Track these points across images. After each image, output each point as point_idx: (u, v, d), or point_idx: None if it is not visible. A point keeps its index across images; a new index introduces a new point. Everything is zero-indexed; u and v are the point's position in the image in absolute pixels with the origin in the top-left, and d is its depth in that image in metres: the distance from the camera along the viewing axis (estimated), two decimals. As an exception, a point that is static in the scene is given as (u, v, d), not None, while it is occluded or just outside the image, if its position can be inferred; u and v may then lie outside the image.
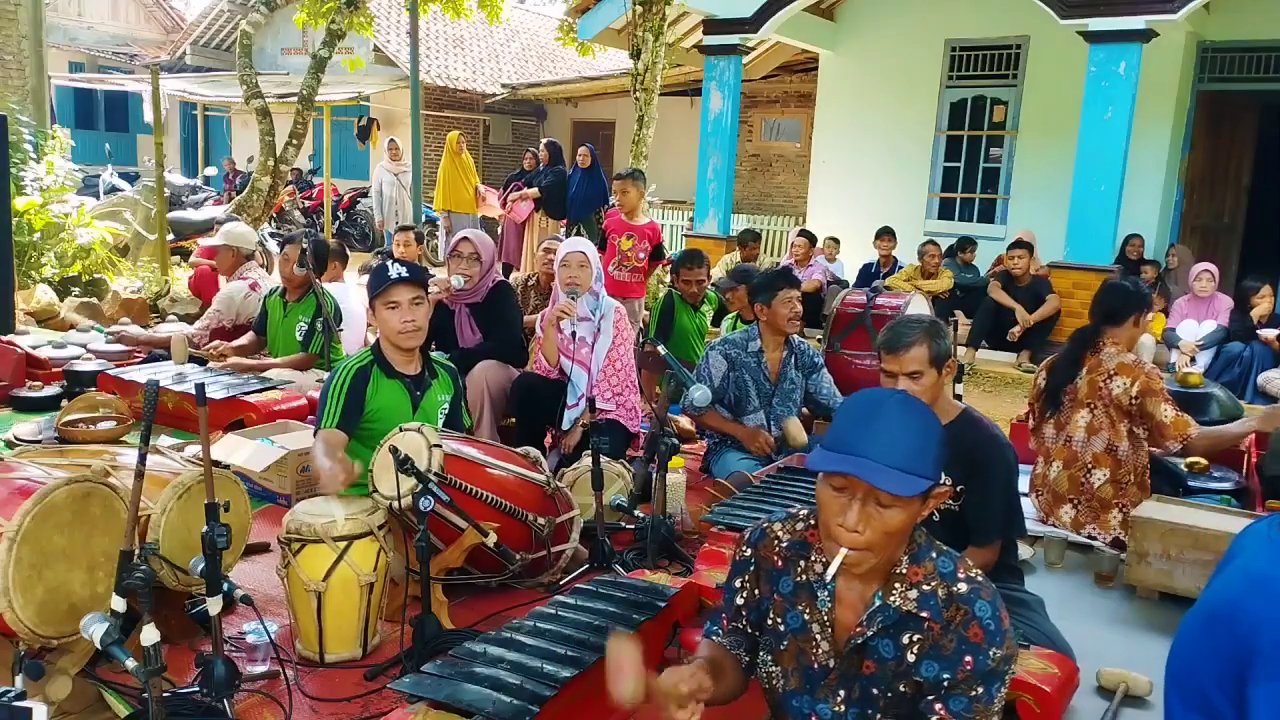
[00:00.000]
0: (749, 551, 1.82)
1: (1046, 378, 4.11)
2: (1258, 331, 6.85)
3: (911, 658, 1.64)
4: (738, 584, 1.83)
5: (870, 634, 1.65)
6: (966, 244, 9.32)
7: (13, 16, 9.26)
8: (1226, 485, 4.26)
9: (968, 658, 1.59)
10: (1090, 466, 3.90)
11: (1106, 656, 2.95)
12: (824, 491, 1.62)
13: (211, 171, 16.46)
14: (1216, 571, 1.75)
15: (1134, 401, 3.78)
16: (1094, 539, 3.88)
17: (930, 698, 1.61)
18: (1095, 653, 2.93)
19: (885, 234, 9.08)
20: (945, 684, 1.60)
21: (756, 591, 1.80)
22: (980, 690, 1.60)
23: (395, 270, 3.22)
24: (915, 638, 1.64)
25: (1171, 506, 3.69)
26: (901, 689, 1.65)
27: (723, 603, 1.87)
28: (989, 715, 1.61)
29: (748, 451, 4.26)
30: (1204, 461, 4.39)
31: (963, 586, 1.64)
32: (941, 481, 1.64)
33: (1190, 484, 4.23)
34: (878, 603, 1.66)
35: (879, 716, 1.67)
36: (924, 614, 1.63)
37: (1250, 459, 4.50)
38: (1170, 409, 3.74)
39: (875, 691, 1.67)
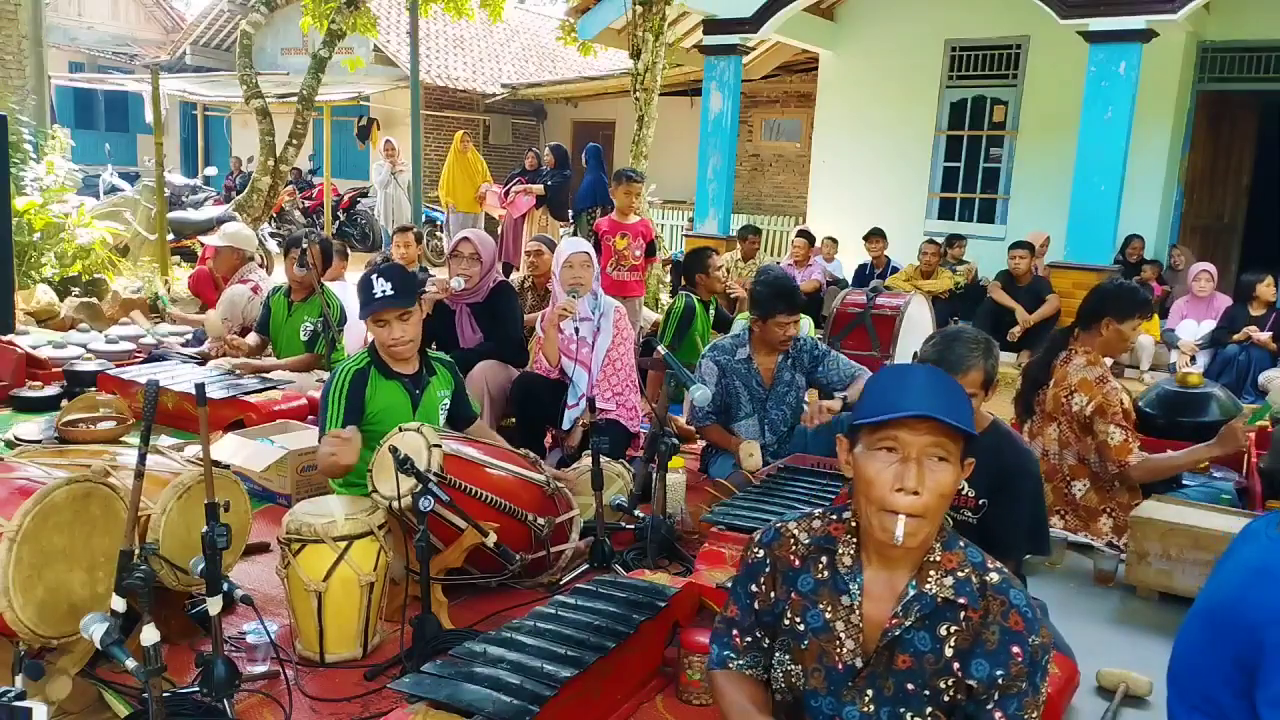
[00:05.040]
0: (762, 553, 1.76)
1: (1020, 383, 4.01)
2: (1253, 335, 6.84)
3: (949, 651, 1.60)
4: (753, 587, 1.76)
5: (907, 624, 1.61)
6: (955, 240, 9.36)
7: (13, 16, 9.27)
8: (1226, 485, 4.26)
9: (1015, 648, 1.57)
10: (1069, 478, 3.81)
11: (1106, 656, 2.96)
12: (872, 464, 1.59)
13: (211, 171, 16.46)
14: (1214, 572, 1.74)
15: (1087, 419, 3.65)
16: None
17: (989, 707, 1.57)
18: (1095, 653, 2.94)
19: (876, 235, 9.13)
20: (1000, 682, 1.56)
21: (773, 594, 1.74)
22: (1026, 685, 1.57)
23: (380, 288, 3.16)
24: (953, 629, 1.60)
25: (1171, 506, 3.68)
26: (941, 685, 1.60)
27: (734, 612, 1.80)
28: (1037, 708, 1.59)
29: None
30: (1204, 462, 4.38)
31: (994, 576, 1.63)
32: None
33: (1187, 483, 4.22)
34: (912, 591, 1.62)
35: (912, 715, 1.61)
36: (961, 600, 1.60)
37: (1250, 459, 4.50)
38: (1118, 432, 3.58)
39: (911, 687, 1.61)
